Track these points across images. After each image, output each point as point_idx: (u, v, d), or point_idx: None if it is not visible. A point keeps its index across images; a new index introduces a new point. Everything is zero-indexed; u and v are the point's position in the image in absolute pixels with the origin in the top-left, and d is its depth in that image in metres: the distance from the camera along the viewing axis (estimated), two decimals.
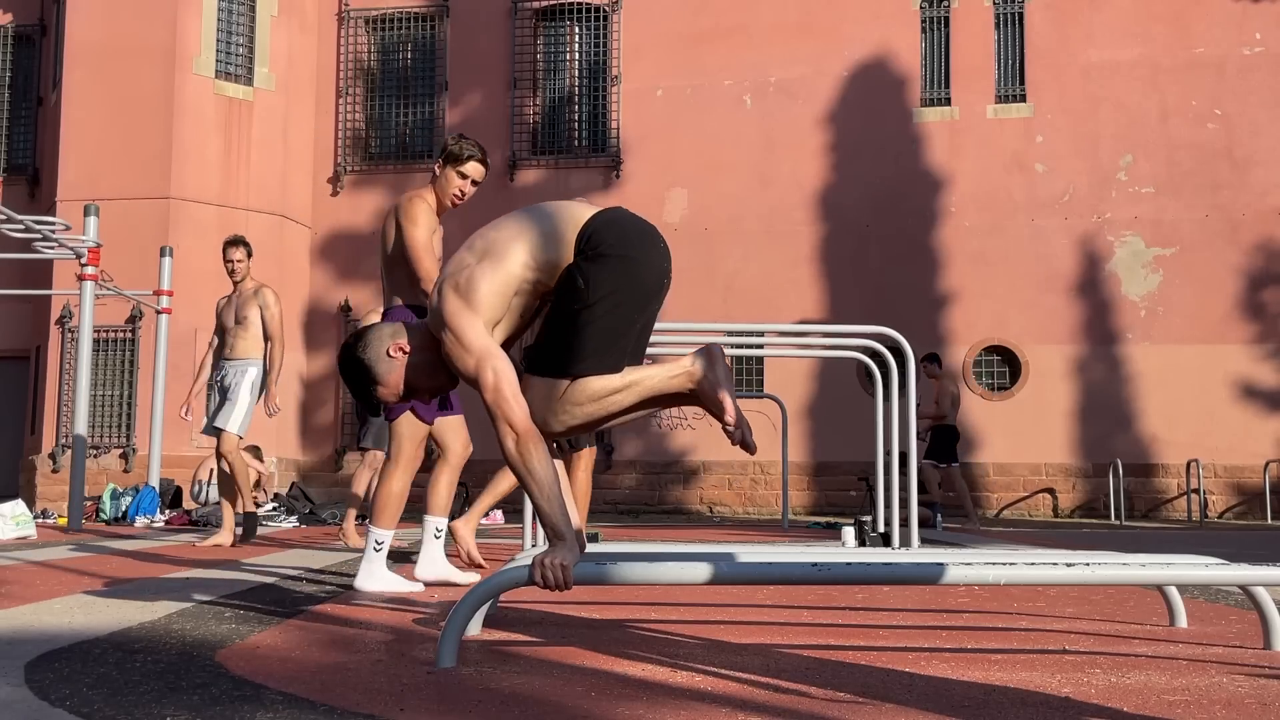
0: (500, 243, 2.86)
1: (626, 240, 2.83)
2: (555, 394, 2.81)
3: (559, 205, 2.95)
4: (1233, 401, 15.93)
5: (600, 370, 2.81)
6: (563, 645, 3.06)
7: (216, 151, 16.95)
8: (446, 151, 4.63)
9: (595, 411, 2.83)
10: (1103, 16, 16.81)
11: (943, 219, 16.82)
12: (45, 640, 2.98)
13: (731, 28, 17.51)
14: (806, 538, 9.95)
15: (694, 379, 2.87)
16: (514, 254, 2.84)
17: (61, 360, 16.53)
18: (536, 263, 2.84)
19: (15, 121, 19.08)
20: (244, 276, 7.71)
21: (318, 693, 2.31)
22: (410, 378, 2.92)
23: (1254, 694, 2.44)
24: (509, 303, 2.84)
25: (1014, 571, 2.73)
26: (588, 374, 2.80)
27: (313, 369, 18.06)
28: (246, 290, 7.77)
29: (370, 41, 18.69)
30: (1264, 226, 16.13)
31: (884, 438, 7.82)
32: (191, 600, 3.97)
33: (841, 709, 2.21)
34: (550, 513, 2.70)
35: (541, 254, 2.84)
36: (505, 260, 2.83)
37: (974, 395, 16.46)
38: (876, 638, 3.33)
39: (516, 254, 2.84)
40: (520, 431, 2.71)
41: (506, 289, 2.83)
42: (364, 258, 17.87)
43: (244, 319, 7.69)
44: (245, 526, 7.77)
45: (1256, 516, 15.63)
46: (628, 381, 2.83)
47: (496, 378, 2.73)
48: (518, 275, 2.83)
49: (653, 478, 16.75)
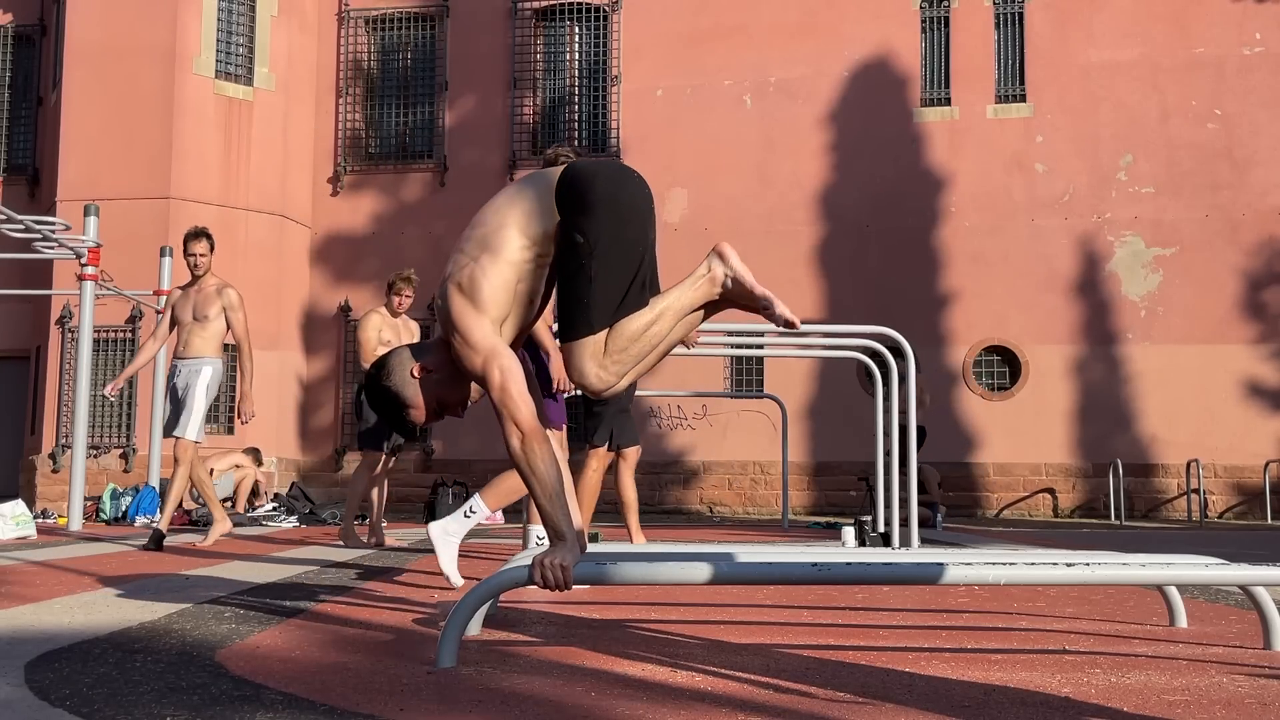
0: (491, 233, 2.87)
1: (601, 182, 2.84)
2: (598, 350, 2.82)
3: (533, 177, 2.96)
4: (1233, 401, 15.93)
5: (628, 311, 2.82)
6: (563, 645, 3.06)
7: (216, 151, 16.95)
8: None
9: (642, 349, 2.84)
10: (1103, 16, 16.81)
11: (943, 219, 16.82)
12: (45, 640, 2.98)
13: (731, 28, 17.51)
14: (806, 538, 9.95)
15: (717, 282, 2.90)
16: (508, 240, 2.85)
17: (61, 360, 16.53)
18: (532, 239, 2.85)
19: (15, 121, 19.09)
20: (206, 270, 7.43)
21: (318, 693, 2.31)
22: (438, 394, 2.94)
23: (1254, 694, 2.44)
24: (514, 293, 2.85)
25: (1014, 571, 2.73)
26: (619, 318, 2.81)
27: (312, 370, 18.06)
28: (209, 286, 7.47)
29: (370, 42, 18.69)
30: (1264, 226, 16.13)
31: (884, 438, 7.82)
32: (191, 600, 3.97)
33: (841, 709, 2.21)
34: (552, 513, 2.70)
35: (533, 229, 2.86)
36: (502, 250, 2.84)
37: (974, 395, 16.47)
38: (876, 638, 3.33)
39: (510, 239, 2.85)
40: (525, 430, 2.71)
41: (509, 280, 2.83)
42: (363, 258, 17.88)
43: (204, 317, 7.38)
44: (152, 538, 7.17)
45: (1256, 516, 15.63)
46: (658, 311, 2.85)
47: (503, 376, 2.74)
48: (518, 260, 2.84)
49: (653, 478, 16.74)
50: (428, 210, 17.84)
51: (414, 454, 17.16)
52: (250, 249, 17.12)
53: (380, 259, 17.47)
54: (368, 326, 7.83)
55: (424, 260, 16.24)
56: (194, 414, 7.26)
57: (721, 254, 2.91)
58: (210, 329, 7.37)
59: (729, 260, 2.90)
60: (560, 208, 2.84)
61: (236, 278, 16.91)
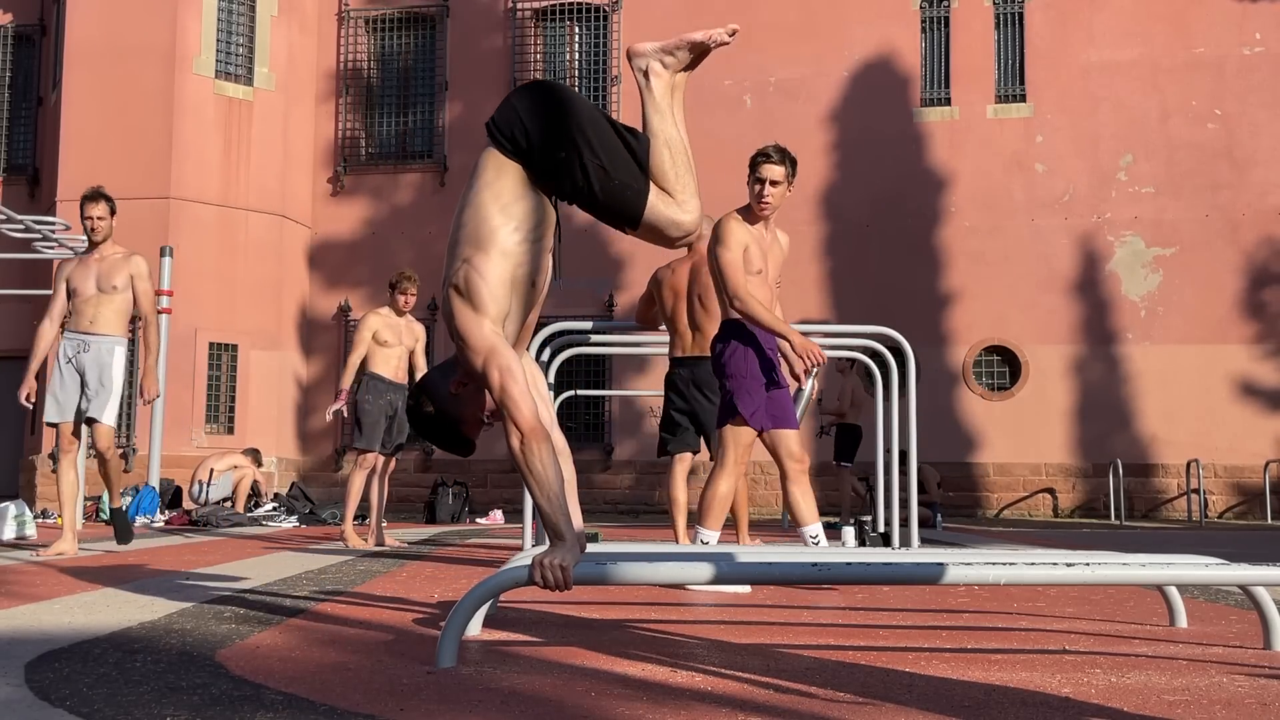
0: (474, 230, 2.86)
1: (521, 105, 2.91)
2: (662, 196, 2.90)
3: (477, 166, 2.96)
4: (1233, 401, 15.93)
5: (647, 152, 2.91)
6: (563, 645, 3.06)
7: (216, 151, 16.95)
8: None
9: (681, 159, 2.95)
10: (1103, 16, 16.81)
11: (943, 219, 16.82)
12: (45, 640, 2.98)
13: None
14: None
15: (661, 75, 3.01)
16: (494, 231, 2.84)
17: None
18: (518, 221, 2.86)
19: (15, 121, 19.09)
20: (105, 236, 6.69)
21: (318, 693, 2.31)
22: (478, 402, 2.94)
23: (1254, 694, 2.44)
24: (512, 282, 2.84)
25: (1014, 571, 2.73)
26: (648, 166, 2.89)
27: (312, 370, 18.06)
28: (111, 254, 6.70)
29: (370, 42, 18.69)
30: (1264, 226, 16.13)
31: (884, 437, 7.82)
32: (191, 600, 3.97)
33: (841, 709, 2.21)
34: (551, 513, 2.70)
35: (514, 209, 2.86)
36: (491, 243, 2.83)
37: (974, 395, 16.47)
38: (876, 638, 3.33)
39: (496, 229, 2.84)
40: (525, 430, 2.71)
41: (505, 273, 2.83)
42: (363, 258, 17.87)
43: (111, 288, 6.60)
44: (117, 526, 6.94)
45: (1256, 516, 15.63)
46: (662, 129, 2.95)
47: (502, 375, 2.74)
48: (510, 248, 2.84)
49: (652, 478, 16.73)
50: (427, 210, 17.83)
51: (414, 454, 17.15)
52: (250, 249, 17.12)
53: (380, 259, 17.46)
54: (364, 327, 7.82)
55: (423, 260, 16.23)
56: (114, 397, 6.56)
57: (637, 53, 3.02)
58: (118, 301, 6.63)
59: (647, 52, 3.00)
60: (520, 161, 2.88)
61: (236, 277, 16.97)
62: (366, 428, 7.71)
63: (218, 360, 16.78)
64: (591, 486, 16.36)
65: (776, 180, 4.75)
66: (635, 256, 17.11)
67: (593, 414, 17.24)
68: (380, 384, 7.74)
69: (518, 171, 2.88)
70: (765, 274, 4.78)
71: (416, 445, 17.26)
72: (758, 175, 4.76)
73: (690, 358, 6.09)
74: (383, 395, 7.73)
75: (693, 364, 6.08)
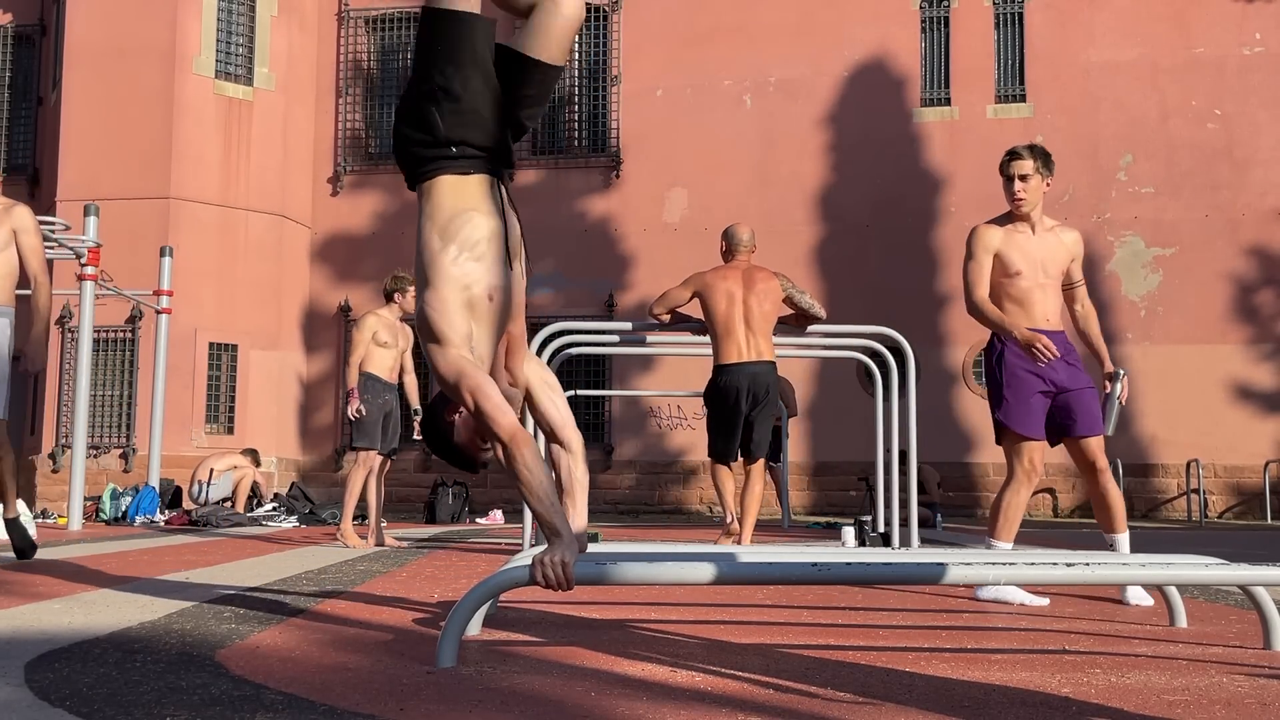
0: (418, 259, 2.92)
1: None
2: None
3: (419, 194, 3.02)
4: (1232, 402, 15.93)
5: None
6: (563, 645, 3.06)
7: (216, 151, 16.95)
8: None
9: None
10: (1103, 16, 16.81)
11: (943, 219, 16.82)
12: (45, 640, 2.98)
13: (731, 28, 17.50)
14: (806, 538, 9.96)
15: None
16: (434, 256, 2.88)
17: (61, 360, 16.52)
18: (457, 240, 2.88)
19: (15, 121, 19.09)
20: None
21: (318, 693, 2.31)
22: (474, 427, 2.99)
23: (1254, 694, 2.44)
24: (466, 307, 2.87)
25: (1014, 571, 2.73)
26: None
27: (312, 370, 18.06)
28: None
29: (370, 41, 18.69)
30: (1264, 226, 16.13)
31: (884, 437, 7.82)
32: (191, 600, 3.97)
33: (841, 709, 2.21)
34: (544, 512, 2.72)
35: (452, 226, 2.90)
36: (434, 272, 2.88)
37: (974, 395, 16.46)
38: (876, 638, 3.33)
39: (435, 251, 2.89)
40: (506, 438, 2.78)
41: (455, 299, 2.87)
42: (363, 258, 17.87)
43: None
44: (12, 534, 5.69)
45: (1256, 516, 15.63)
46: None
47: (474, 396, 2.80)
48: (456, 274, 2.87)
49: (652, 477, 16.74)
50: None
51: (414, 454, 17.15)
52: (250, 249, 17.12)
53: (380, 259, 17.44)
54: (363, 328, 7.82)
55: None
56: (5, 384, 5.55)
57: None
58: (2, 261, 5.54)
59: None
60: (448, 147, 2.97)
61: (236, 277, 16.97)
62: (367, 427, 7.71)
63: (218, 360, 16.78)
64: (592, 487, 16.23)
65: (1025, 174, 4.83)
66: (636, 257, 17.12)
67: (593, 414, 17.23)
68: (378, 384, 7.75)
69: (450, 184, 2.94)
70: (1024, 274, 4.78)
71: (416, 445, 17.26)
72: (1007, 174, 4.85)
73: (740, 364, 6.20)
74: (380, 395, 7.74)
75: (744, 370, 6.18)
